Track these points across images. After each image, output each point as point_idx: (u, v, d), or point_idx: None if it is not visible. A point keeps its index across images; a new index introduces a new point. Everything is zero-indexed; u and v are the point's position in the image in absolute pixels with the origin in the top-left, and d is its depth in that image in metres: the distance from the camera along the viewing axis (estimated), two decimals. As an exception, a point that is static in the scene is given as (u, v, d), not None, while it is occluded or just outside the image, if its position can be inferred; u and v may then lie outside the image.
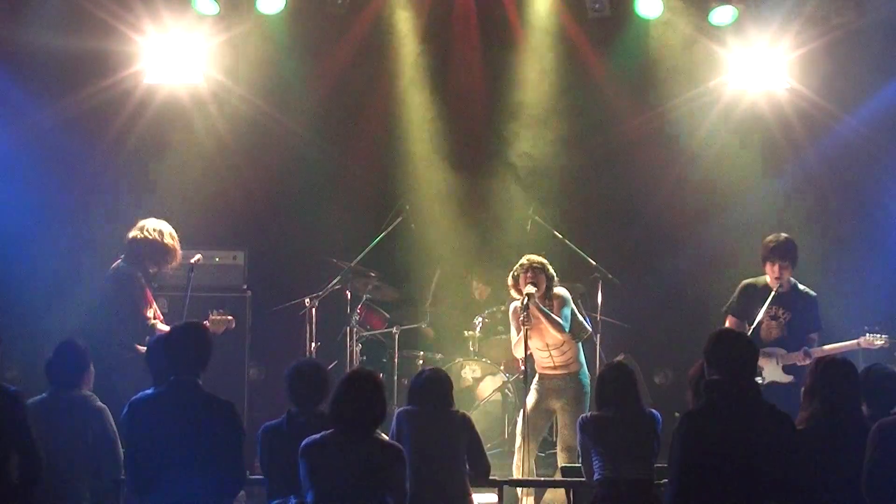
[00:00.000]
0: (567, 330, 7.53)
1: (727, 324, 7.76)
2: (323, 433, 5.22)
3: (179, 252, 7.77)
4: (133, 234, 7.64)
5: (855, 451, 5.10)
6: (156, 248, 7.62)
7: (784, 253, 7.71)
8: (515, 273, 7.63)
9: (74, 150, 9.03)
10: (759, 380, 7.41)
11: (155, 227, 7.67)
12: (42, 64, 8.75)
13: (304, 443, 5.21)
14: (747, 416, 4.93)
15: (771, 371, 7.69)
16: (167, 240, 7.66)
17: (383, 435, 5.42)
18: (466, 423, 6.16)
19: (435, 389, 6.19)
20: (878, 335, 7.71)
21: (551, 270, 7.65)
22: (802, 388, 5.59)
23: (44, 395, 6.10)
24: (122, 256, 7.66)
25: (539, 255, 7.81)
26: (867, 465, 5.02)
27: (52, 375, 6.15)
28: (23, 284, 8.83)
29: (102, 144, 9.06)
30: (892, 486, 4.96)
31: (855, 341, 7.74)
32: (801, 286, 7.86)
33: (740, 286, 7.90)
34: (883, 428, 5.05)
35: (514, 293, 7.68)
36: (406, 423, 6.13)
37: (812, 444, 5.17)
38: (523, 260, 7.66)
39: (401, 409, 6.29)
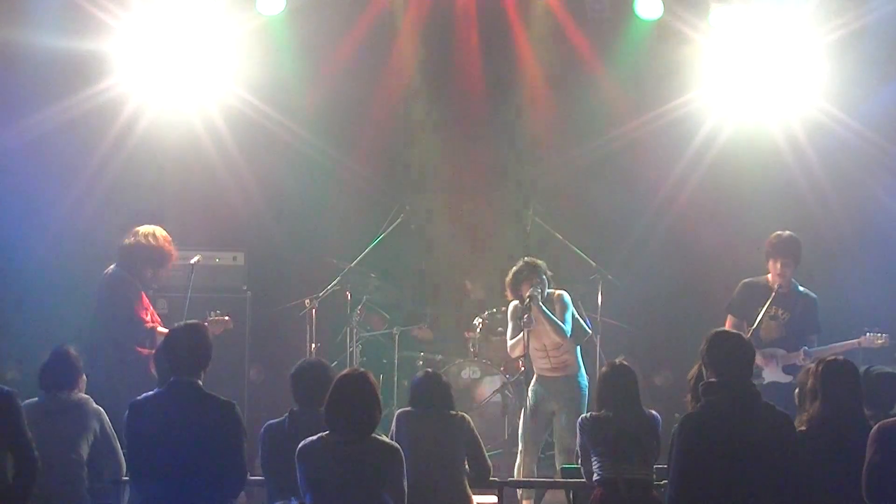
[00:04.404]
0: (568, 333, 7.55)
1: (727, 322, 7.78)
2: (319, 435, 5.22)
3: (176, 254, 7.76)
4: (128, 240, 7.64)
5: (856, 452, 5.09)
6: (153, 253, 7.62)
7: (787, 250, 7.75)
8: (514, 276, 7.63)
9: (74, 150, 9.03)
10: (759, 380, 7.51)
11: (149, 231, 7.66)
12: (42, 64, 8.73)
13: (300, 446, 5.21)
14: (746, 417, 4.93)
15: (771, 371, 7.71)
16: (163, 243, 7.66)
17: (382, 435, 5.43)
18: (465, 424, 6.17)
19: (432, 391, 6.22)
20: (879, 334, 7.73)
21: (549, 273, 7.67)
22: (796, 389, 5.61)
23: (35, 399, 6.08)
24: (116, 262, 7.65)
25: (539, 256, 7.83)
26: (867, 467, 5.02)
27: (46, 379, 6.15)
28: (23, 286, 8.83)
29: (102, 145, 9.03)
30: (893, 487, 4.96)
31: (856, 340, 7.77)
32: (801, 287, 7.89)
33: (740, 284, 7.94)
34: (883, 429, 5.05)
35: (510, 294, 7.68)
36: (405, 424, 6.15)
37: (814, 444, 5.17)
38: (522, 263, 7.67)
39: (400, 410, 6.31)
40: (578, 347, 7.78)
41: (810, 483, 5.01)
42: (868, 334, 7.78)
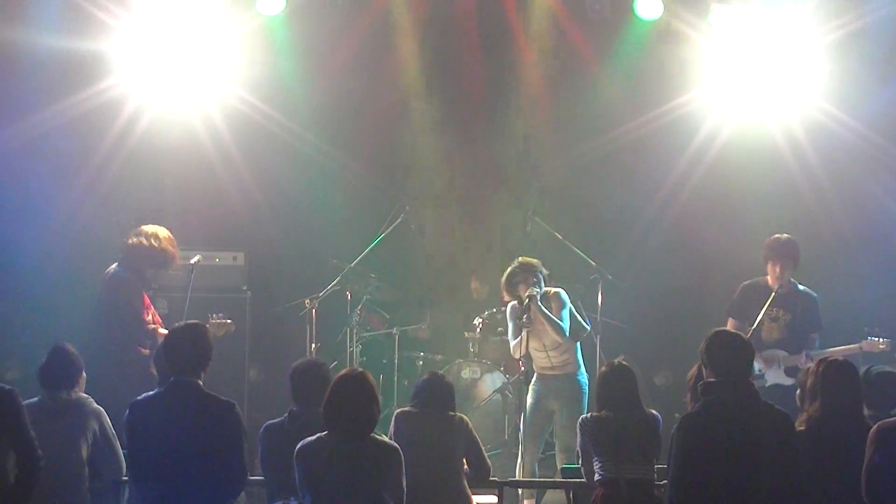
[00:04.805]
0: (567, 332, 7.55)
1: (728, 325, 7.77)
2: (318, 435, 5.22)
3: (178, 256, 7.76)
4: (131, 240, 7.63)
5: (856, 452, 5.10)
6: (155, 254, 7.62)
7: (785, 253, 7.74)
8: (508, 278, 7.63)
9: (74, 150, 9.03)
10: (762, 382, 7.51)
11: (153, 232, 7.65)
12: (42, 64, 8.74)
13: (298, 446, 5.21)
14: (745, 416, 4.94)
15: (773, 373, 7.70)
16: (166, 245, 7.66)
17: (382, 435, 5.42)
18: (464, 425, 6.17)
19: (434, 392, 6.21)
20: (880, 339, 7.72)
21: (545, 271, 7.68)
22: (798, 390, 5.61)
23: (36, 398, 6.07)
24: (118, 261, 7.65)
25: (539, 255, 7.84)
26: (866, 468, 5.03)
27: (45, 379, 6.13)
28: (23, 286, 8.83)
29: (102, 145, 9.04)
30: (892, 488, 4.96)
31: (857, 345, 7.76)
32: (801, 287, 7.88)
33: (740, 287, 7.94)
34: (882, 430, 5.05)
35: (506, 296, 7.69)
36: (404, 424, 6.15)
37: (813, 444, 5.18)
38: (517, 263, 7.66)
39: (399, 410, 6.31)
40: (579, 346, 7.78)
41: (810, 482, 5.01)
42: (870, 339, 7.77)
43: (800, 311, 7.80)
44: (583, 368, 7.75)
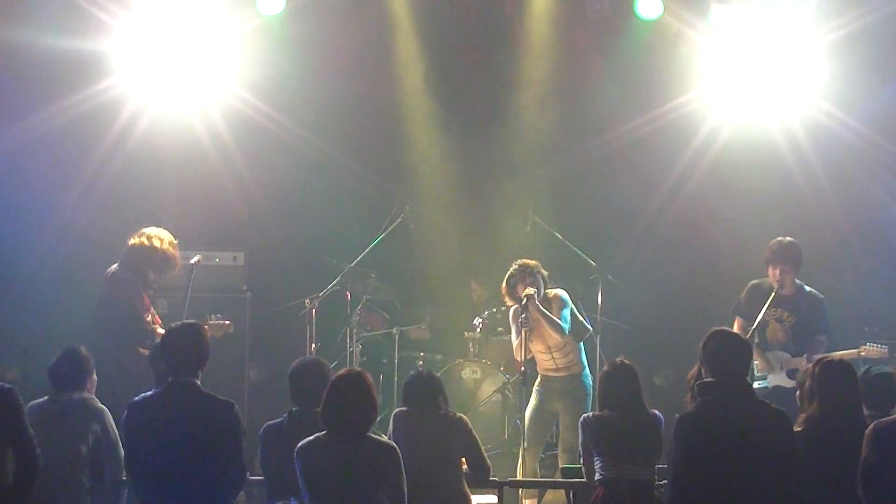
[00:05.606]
0: (567, 331, 7.54)
1: (735, 324, 7.77)
2: (317, 435, 5.22)
3: (179, 262, 7.76)
4: (134, 240, 7.64)
5: (854, 452, 5.10)
6: (157, 257, 7.62)
7: (785, 257, 7.71)
8: (508, 281, 7.63)
9: (74, 151, 9.03)
10: (764, 384, 7.50)
11: (157, 235, 7.66)
12: (42, 64, 8.74)
13: (298, 446, 5.22)
14: (742, 416, 4.95)
15: (775, 375, 7.69)
16: (168, 248, 7.66)
17: (382, 435, 5.42)
18: (462, 425, 6.16)
19: (421, 390, 6.21)
20: (879, 346, 7.72)
21: (544, 272, 7.67)
22: (798, 391, 5.61)
23: (44, 398, 6.11)
24: (119, 261, 7.65)
25: (539, 255, 7.84)
26: (863, 467, 5.03)
27: (54, 379, 6.16)
28: (23, 286, 8.84)
29: (102, 145, 9.04)
30: (889, 487, 4.96)
31: (856, 350, 7.75)
32: (807, 288, 7.86)
33: (747, 287, 7.93)
34: (879, 429, 5.05)
35: (508, 300, 7.68)
36: (401, 423, 6.15)
37: (811, 445, 5.18)
38: (516, 265, 7.67)
39: (397, 410, 6.31)
40: (582, 346, 7.78)
41: (807, 482, 5.01)
42: (869, 345, 7.77)
43: (805, 312, 7.78)
44: (587, 369, 7.76)
